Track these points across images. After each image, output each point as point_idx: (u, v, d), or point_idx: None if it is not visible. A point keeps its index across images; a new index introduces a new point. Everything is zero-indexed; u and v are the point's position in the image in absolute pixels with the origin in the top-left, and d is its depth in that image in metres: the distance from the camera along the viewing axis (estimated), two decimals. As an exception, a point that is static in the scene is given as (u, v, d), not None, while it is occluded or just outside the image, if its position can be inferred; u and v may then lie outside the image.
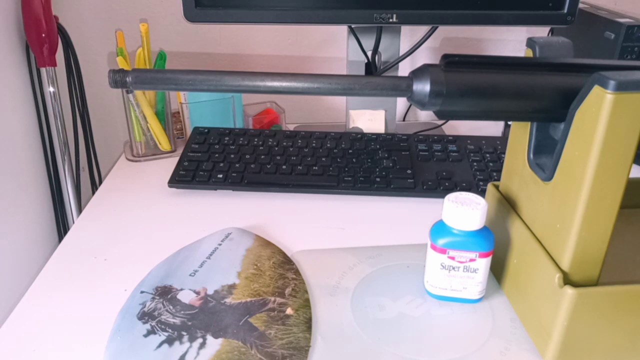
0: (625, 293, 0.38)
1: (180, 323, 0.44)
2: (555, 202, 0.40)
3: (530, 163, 0.43)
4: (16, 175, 0.73)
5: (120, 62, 0.71)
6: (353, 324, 0.45)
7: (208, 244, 0.54)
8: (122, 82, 0.36)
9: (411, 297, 0.48)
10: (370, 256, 0.53)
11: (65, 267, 0.53)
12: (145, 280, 0.49)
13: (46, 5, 0.73)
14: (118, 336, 0.43)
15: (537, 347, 0.42)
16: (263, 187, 0.66)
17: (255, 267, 0.50)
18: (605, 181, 0.35)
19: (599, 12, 0.77)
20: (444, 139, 0.74)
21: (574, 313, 0.38)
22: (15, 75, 0.74)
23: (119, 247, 0.56)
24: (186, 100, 0.78)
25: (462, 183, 0.65)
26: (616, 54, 0.71)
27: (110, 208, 0.64)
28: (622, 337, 0.40)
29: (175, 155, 0.74)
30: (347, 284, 0.49)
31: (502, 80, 0.37)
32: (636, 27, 0.69)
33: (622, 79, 0.33)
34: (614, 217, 0.37)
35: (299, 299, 0.47)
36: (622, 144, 0.34)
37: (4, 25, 0.72)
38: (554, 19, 0.68)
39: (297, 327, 0.43)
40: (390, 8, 0.67)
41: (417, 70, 0.37)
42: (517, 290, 0.46)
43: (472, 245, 0.44)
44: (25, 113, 0.77)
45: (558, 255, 0.39)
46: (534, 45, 0.41)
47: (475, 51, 0.94)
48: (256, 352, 0.41)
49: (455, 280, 0.46)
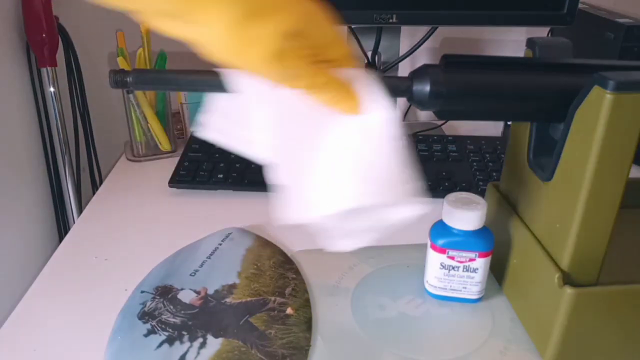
0: (625, 293, 0.38)
1: (180, 323, 0.44)
2: (555, 202, 0.40)
3: (530, 163, 0.43)
4: (17, 175, 0.73)
5: (121, 63, 0.71)
6: (353, 323, 0.45)
7: (208, 244, 0.54)
8: (123, 83, 0.36)
9: (411, 297, 0.48)
10: (371, 256, 0.53)
11: (65, 267, 0.53)
12: (145, 280, 0.49)
13: (47, 5, 0.73)
14: (119, 336, 0.43)
15: (536, 346, 0.42)
16: (263, 187, 0.65)
17: (256, 267, 0.50)
18: (604, 181, 0.35)
19: (598, 13, 0.77)
20: (444, 139, 0.74)
21: (574, 313, 0.38)
22: (16, 76, 0.74)
23: (119, 247, 0.56)
24: (186, 100, 0.78)
25: (462, 183, 0.65)
26: (616, 54, 0.71)
27: (111, 208, 0.64)
28: (621, 336, 0.40)
29: (176, 155, 0.74)
30: (347, 284, 0.50)
31: (502, 80, 0.37)
32: (636, 27, 0.69)
33: (621, 79, 0.33)
34: (614, 217, 0.37)
35: (299, 299, 0.47)
36: (622, 144, 0.34)
37: (5, 25, 0.72)
38: (553, 19, 0.68)
39: (297, 327, 0.44)
40: (390, 8, 0.67)
41: (417, 71, 0.37)
42: (516, 290, 0.46)
43: (471, 245, 0.44)
44: (26, 113, 0.77)
45: (558, 255, 0.39)
46: (534, 46, 0.41)
47: (475, 51, 0.94)
48: (256, 352, 0.41)
49: (455, 280, 0.46)
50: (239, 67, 0.31)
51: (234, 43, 0.29)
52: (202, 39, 0.30)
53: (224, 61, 0.31)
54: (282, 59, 0.30)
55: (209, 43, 0.30)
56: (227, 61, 0.31)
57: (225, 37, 0.29)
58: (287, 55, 0.31)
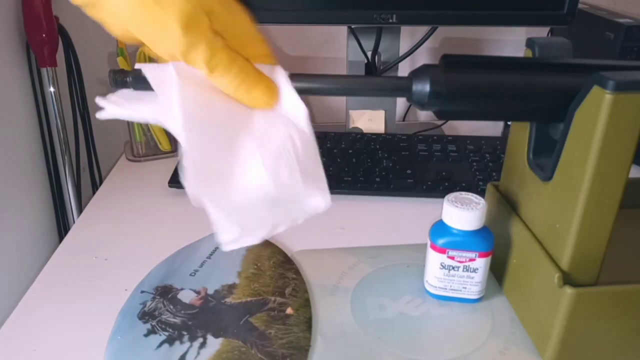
0: (625, 293, 0.38)
1: (180, 323, 0.44)
2: (555, 202, 0.40)
3: (529, 163, 0.43)
4: (17, 175, 0.73)
5: (121, 63, 0.71)
6: (353, 323, 0.45)
7: (208, 244, 0.54)
8: (123, 82, 0.37)
9: (411, 297, 0.48)
10: (370, 256, 0.53)
11: (65, 267, 0.53)
12: (145, 280, 0.49)
13: (47, 5, 0.73)
14: (118, 336, 0.43)
15: (536, 346, 0.42)
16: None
17: (256, 266, 0.50)
18: (604, 181, 0.35)
19: (598, 13, 0.77)
20: (444, 139, 0.74)
21: (573, 313, 0.38)
22: (16, 76, 0.74)
23: (119, 247, 0.56)
24: (186, 100, 0.78)
25: (462, 183, 0.65)
26: (616, 54, 0.71)
27: (111, 208, 0.64)
28: (621, 336, 0.40)
29: (176, 155, 0.74)
30: (347, 284, 0.50)
31: (501, 80, 0.37)
32: (635, 27, 0.70)
33: (621, 79, 0.33)
34: (613, 217, 0.37)
35: (299, 299, 0.47)
36: (622, 144, 0.34)
37: (5, 25, 0.72)
38: (553, 19, 0.68)
39: (297, 327, 0.44)
40: (390, 8, 0.67)
41: (417, 71, 0.37)
42: (516, 290, 0.46)
43: (471, 245, 0.44)
44: (26, 113, 0.77)
45: (557, 255, 0.39)
46: (534, 46, 0.41)
47: (475, 51, 0.94)
48: (256, 352, 0.41)
49: (454, 280, 0.46)
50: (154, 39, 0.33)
51: (148, 10, 0.31)
52: (116, 13, 0.33)
53: (140, 33, 0.33)
54: (196, 26, 0.32)
55: (122, 16, 0.32)
56: (142, 32, 0.33)
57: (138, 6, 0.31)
58: (201, 25, 0.32)
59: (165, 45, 0.33)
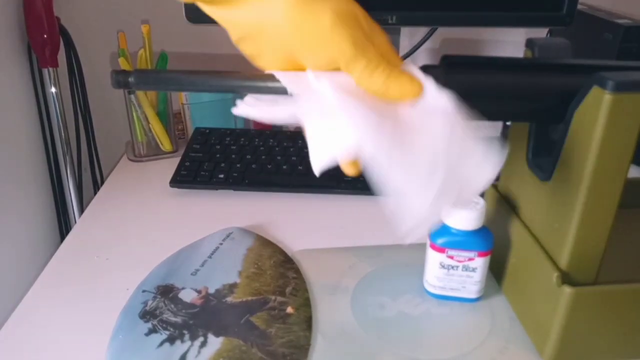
0: (623, 292, 0.39)
1: (181, 322, 0.44)
2: (554, 202, 0.40)
3: (529, 163, 0.43)
4: (18, 175, 0.73)
5: (122, 63, 0.71)
6: (353, 322, 0.45)
7: (209, 244, 0.54)
8: (125, 83, 0.37)
9: (411, 296, 0.48)
10: (370, 255, 0.54)
11: (67, 267, 0.53)
12: (146, 280, 0.49)
13: (48, 6, 0.73)
14: (120, 335, 0.43)
15: (535, 345, 0.42)
16: (264, 187, 0.66)
17: (256, 266, 0.51)
18: (603, 181, 0.36)
19: (597, 13, 0.77)
20: (444, 139, 0.74)
21: (572, 312, 0.38)
22: (17, 76, 0.75)
23: (120, 247, 0.56)
24: (188, 100, 0.78)
25: (462, 183, 0.65)
26: (615, 54, 0.71)
27: (112, 208, 0.64)
28: (619, 335, 0.40)
29: (177, 156, 0.74)
30: (347, 283, 0.50)
31: (501, 81, 0.37)
32: (634, 27, 0.70)
33: (620, 79, 0.33)
34: (612, 217, 0.37)
35: (299, 298, 0.47)
36: (621, 145, 0.35)
37: (6, 26, 0.72)
38: (552, 20, 0.68)
39: (297, 326, 0.44)
40: (390, 9, 0.67)
41: (417, 71, 0.37)
42: (515, 289, 0.46)
43: (470, 245, 0.44)
44: (27, 114, 0.77)
45: (556, 254, 0.40)
46: (533, 46, 0.41)
47: (475, 52, 0.94)
48: (257, 351, 0.41)
49: (454, 280, 0.46)
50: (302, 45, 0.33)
51: (298, 16, 0.32)
52: (266, 20, 0.33)
53: (287, 40, 0.33)
54: (345, 23, 0.33)
55: (273, 24, 0.33)
56: (290, 40, 0.33)
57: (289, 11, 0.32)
58: (350, 22, 0.33)
59: (328, 55, 0.33)
